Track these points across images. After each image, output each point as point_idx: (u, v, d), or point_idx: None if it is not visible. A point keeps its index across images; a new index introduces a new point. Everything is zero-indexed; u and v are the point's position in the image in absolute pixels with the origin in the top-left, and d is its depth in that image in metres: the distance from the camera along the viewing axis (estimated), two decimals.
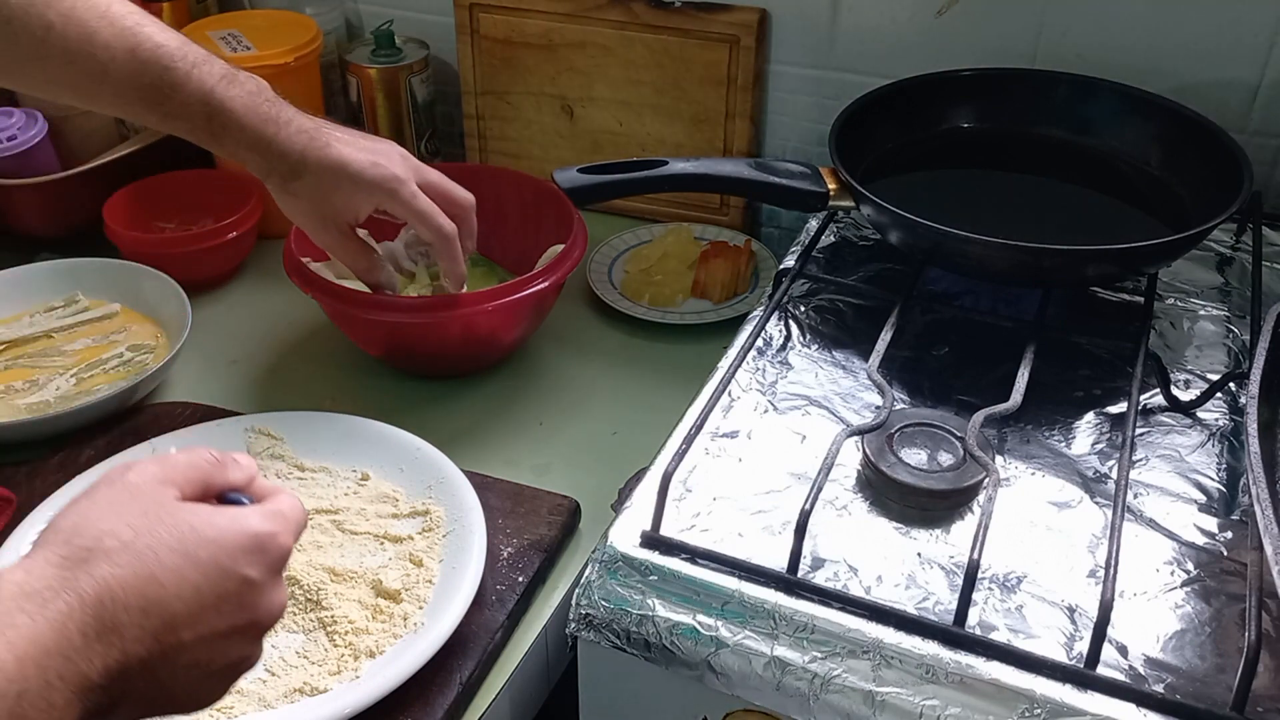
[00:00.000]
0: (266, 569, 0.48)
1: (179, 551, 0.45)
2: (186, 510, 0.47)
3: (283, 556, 0.49)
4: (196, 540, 0.46)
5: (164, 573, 0.44)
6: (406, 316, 0.88)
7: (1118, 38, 0.93)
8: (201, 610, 0.45)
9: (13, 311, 1.00)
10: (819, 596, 0.61)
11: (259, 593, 0.48)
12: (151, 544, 0.45)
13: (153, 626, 0.44)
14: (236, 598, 0.47)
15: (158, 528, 0.46)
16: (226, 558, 0.46)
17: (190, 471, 0.49)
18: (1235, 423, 0.73)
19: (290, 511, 0.51)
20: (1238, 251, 0.90)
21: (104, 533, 0.44)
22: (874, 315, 0.79)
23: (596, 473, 0.83)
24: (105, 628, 0.42)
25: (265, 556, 0.48)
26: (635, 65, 1.08)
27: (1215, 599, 0.61)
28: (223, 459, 0.51)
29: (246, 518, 0.48)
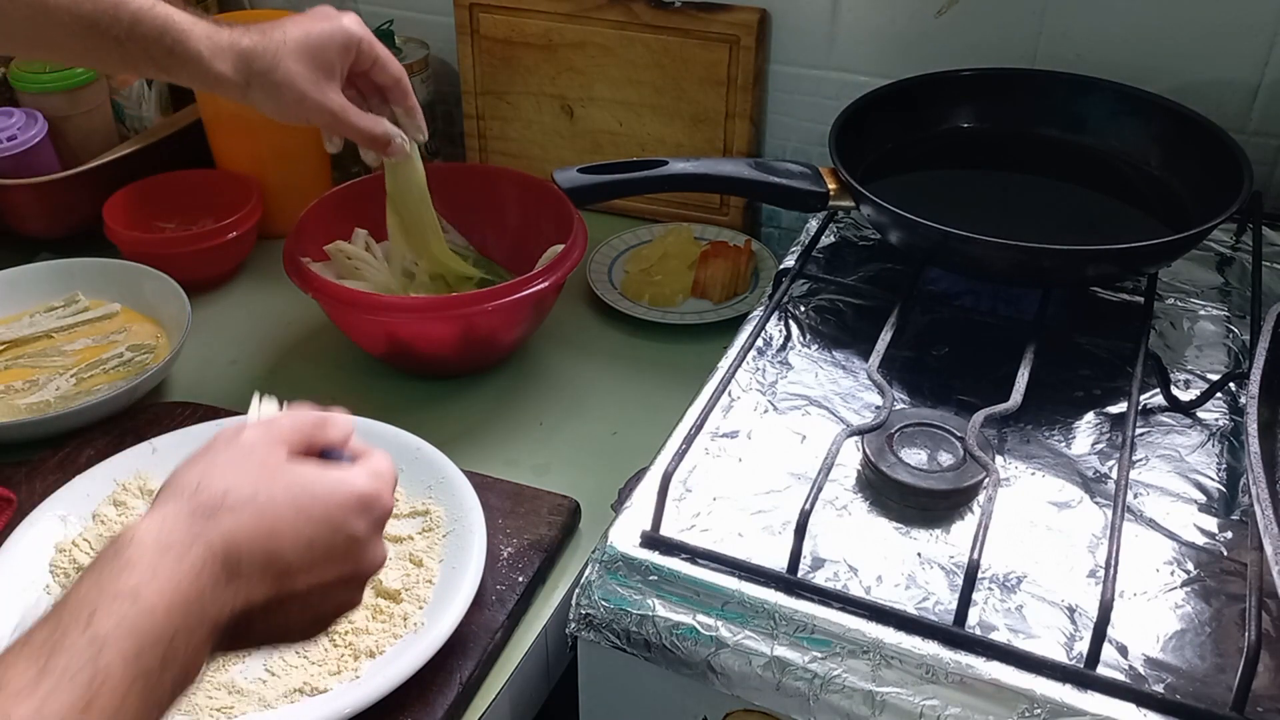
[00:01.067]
0: (370, 526, 0.52)
1: (295, 508, 0.49)
2: (299, 469, 0.51)
3: (385, 514, 0.53)
4: (310, 498, 0.50)
5: (282, 527, 0.49)
6: (406, 316, 0.88)
7: (1118, 38, 0.93)
8: (313, 562, 0.50)
9: (13, 311, 1.00)
10: (819, 596, 0.61)
11: (363, 547, 0.52)
12: (271, 500, 0.49)
13: (272, 575, 0.48)
14: (344, 551, 0.51)
15: (275, 485, 0.50)
16: (337, 515, 0.51)
17: (295, 433, 0.53)
18: (1235, 423, 0.73)
19: (387, 471, 0.55)
20: (1238, 251, 0.90)
21: (228, 489, 0.48)
22: (874, 315, 0.79)
23: (596, 473, 0.83)
24: (231, 575, 0.46)
25: (369, 515, 0.52)
26: (635, 65, 1.08)
27: (1215, 599, 0.61)
28: (322, 419, 0.56)
29: (353, 478, 0.52)
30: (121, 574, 0.44)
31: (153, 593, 0.43)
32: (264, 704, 0.64)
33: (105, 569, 0.44)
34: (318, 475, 0.51)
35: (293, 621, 0.51)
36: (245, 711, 0.64)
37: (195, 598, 0.45)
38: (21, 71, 1.08)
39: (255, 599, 0.47)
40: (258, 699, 0.65)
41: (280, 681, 0.66)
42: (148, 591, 0.43)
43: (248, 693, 0.65)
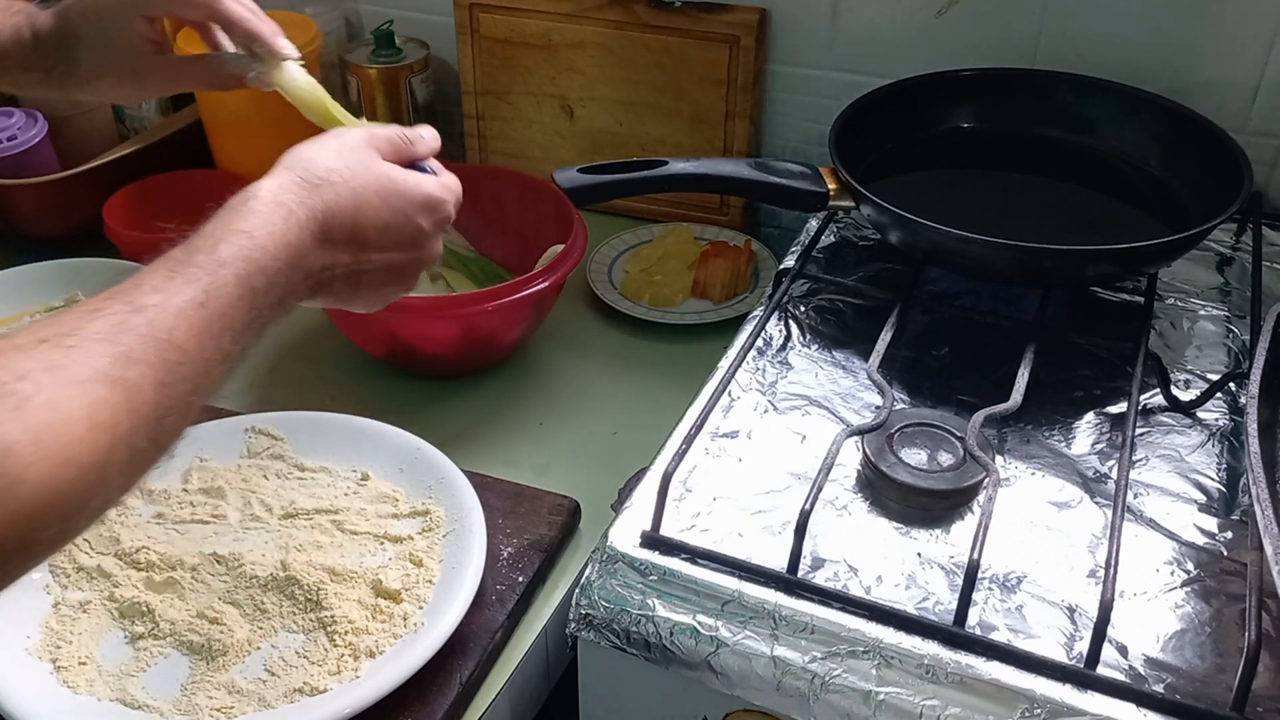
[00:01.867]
0: (435, 224, 0.63)
1: (380, 194, 0.60)
2: (387, 166, 0.61)
3: (447, 217, 0.64)
4: (392, 190, 0.60)
5: (369, 207, 0.59)
6: (406, 316, 0.88)
7: (1118, 38, 0.93)
8: (387, 241, 0.60)
9: (13, 311, 1.00)
10: (819, 596, 0.61)
11: (427, 239, 0.63)
12: (364, 184, 0.59)
13: (355, 245, 0.59)
14: (411, 238, 0.62)
15: (368, 174, 0.60)
16: (410, 207, 0.61)
17: (389, 141, 0.63)
18: (1235, 423, 0.73)
19: (455, 185, 0.65)
20: (1238, 251, 0.90)
21: (332, 169, 0.58)
22: (874, 315, 0.79)
23: (596, 473, 0.83)
24: (326, 237, 0.57)
25: (435, 214, 0.63)
26: (635, 65, 1.08)
27: (1215, 599, 0.61)
28: (413, 136, 0.65)
29: (427, 183, 0.63)
30: (244, 218, 0.54)
31: (265, 235, 0.53)
32: (264, 704, 0.64)
33: (232, 214, 0.54)
34: (402, 174, 0.61)
35: (362, 288, 0.61)
36: (245, 711, 0.64)
37: (296, 246, 0.55)
38: None
39: (341, 260, 0.58)
40: (258, 699, 0.65)
41: (280, 681, 0.66)
42: (262, 233, 0.53)
43: (248, 693, 0.65)
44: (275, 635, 0.69)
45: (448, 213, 0.64)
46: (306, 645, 0.68)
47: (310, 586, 0.70)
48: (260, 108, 1.07)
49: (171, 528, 0.76)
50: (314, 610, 0.70)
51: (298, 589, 0.70)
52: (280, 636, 0.69)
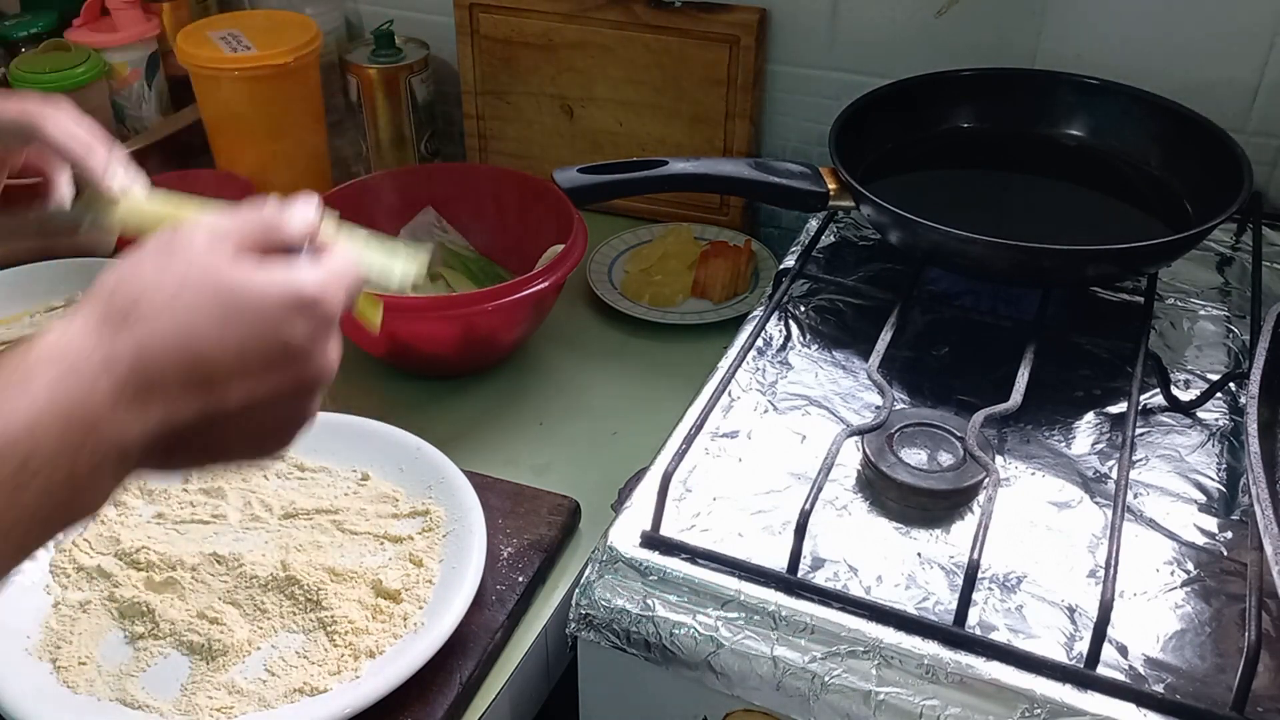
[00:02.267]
0: (311, 330, 0.47)
1: (221, 310, 0.44)
2: (232, 266, 0.45)
3: (328, 318, 0.47)
4: (239, 299, 0.44)
5: (205, 332, 0.43)
6: (406, 316, 0.88)
7: (1118, 38, 0.93)
8: (245, 371, 0.44)
9: (13, 311, 1.00)
10: (819, 596, 0.61)
11: (305, 355, 0.47)
12: (193, 302, 0.44)
13: (196, 388, 0.43)
14: (282, 359, 0.46)
15: (201, 285, 0.44)
16: (270, 319, 0.45)
17: (244, 229, 0.47)
18: (1235, 423, 0.73)
19: (342, 269, 0.49)
20: (1238, 251, 0.90)
21: (144, 290, 0.43)
22: (874, 315, 0.79)
23: (596, 473, 0.83)
24: (144, 389, 0.42)
25: (311, 316, 0.46)
26: (635, 65, 1.08)
27: (1215, 599, 0.61)
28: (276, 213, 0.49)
29: (294, 275, 0.46)
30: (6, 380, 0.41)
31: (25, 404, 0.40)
32: (264, 704, 0.64)
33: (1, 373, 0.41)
34: (251, 273, 0.45)
35: (233, 439, 0.46)
36: (245, 711, 0.64)
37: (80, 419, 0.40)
38: (21, 71, 1.08)
39: (180, 414, 0.43)
40: (257, 699, 0.65)
41: (280, 681, 0.66)
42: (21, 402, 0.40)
43: (247, 693, 0.65)
44: (275, 635, 0.69)
45: (329, 307, 0.47)
46: (306, 645, 0.68)
47: (310, 586, 0.70)
48: (260, 108, 1.07)
49: (171, 528, 0.76)
50: (314, 610, 0.70)
51: (298, 589, 0.70)
52: (280, 636, 0.69)
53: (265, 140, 1.09)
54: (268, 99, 1.07)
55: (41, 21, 1.16)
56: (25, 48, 1.14)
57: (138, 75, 1.14)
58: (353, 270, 0.50)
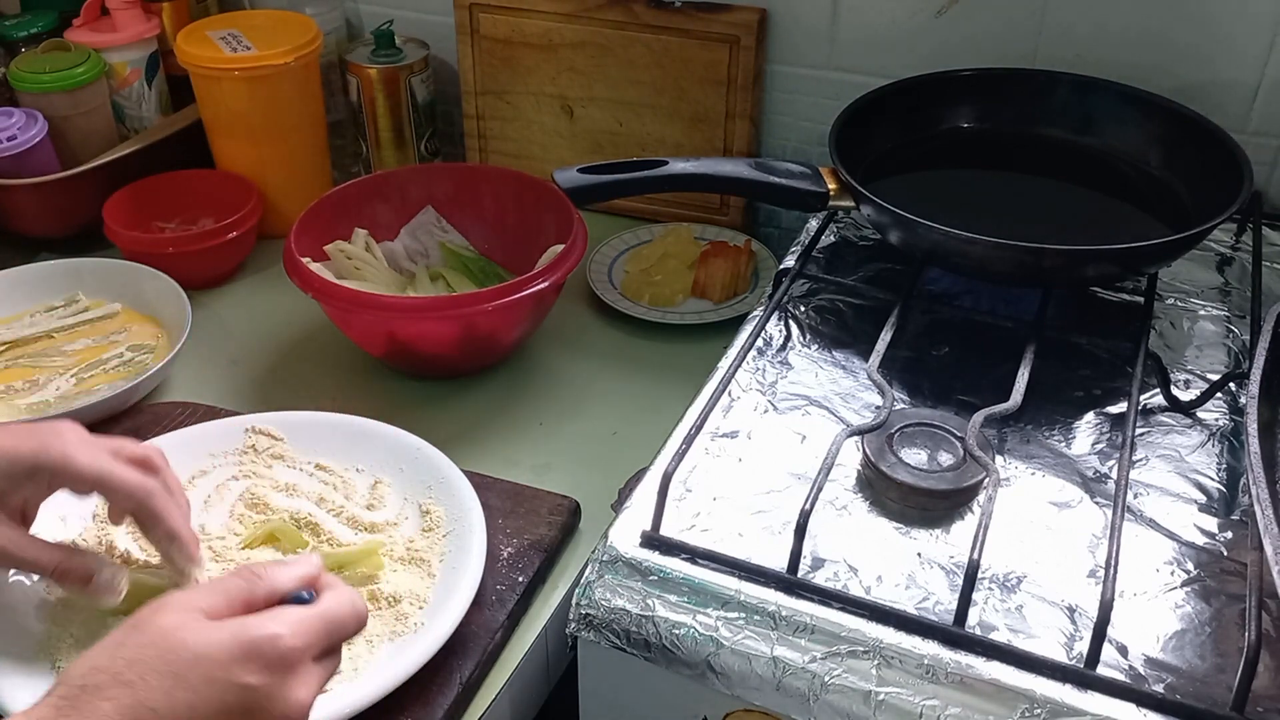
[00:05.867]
0: (266, 672, 0.49)
1: (168, 674, 0.47)
2: (185, 628, 0.49)
3: (281, 656, 0.50)
4: (186, 659, 0.48)
5: (154, 697, 0.46)
6: (406, 316, 0.88)
7: (1118, 37, 0.93)
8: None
9: (13, 311, 1.00)
10: (819, 596, 0.61)
11: (264, 698, 0.49)
12: (142, 672, 0.47)
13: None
14: (240, 708, 0.48)
15: (149, 654, 0.47)
16: (219, 670, 0.48)
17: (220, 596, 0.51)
18: (1235, 423, 0.73)
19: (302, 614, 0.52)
20: (1238, 251, 0.90)
21: (97, 669, 0.47)
22: (874, 315, 0.79)
23: (596, 473, 0.83)
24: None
25: (261, 660, 0.49)
26: (635, 65, 1.08)
27: (1215, 599, 0.61)
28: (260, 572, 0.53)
29: (241, 624, 0.50)
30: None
31: None
32: None
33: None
34: (194, 629, 0.49)
35: None
36: None
37: None
38: (21, 71, 1.08)
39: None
40: None
41: None
42: None
43: None
44: None
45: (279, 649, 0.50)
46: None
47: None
48: (260, 108, 1.07)
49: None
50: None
51: None
52: None
53: (265, 140, 1.09)
54: (268, 99, 1.07)
55: (41, 21, 1.16)
56: (25, 48, 1.14)
57: (138, 75, 1.14)
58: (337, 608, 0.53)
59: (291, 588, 0.54)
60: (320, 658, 0.53)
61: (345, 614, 0.54)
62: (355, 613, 0.55)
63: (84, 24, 1.13)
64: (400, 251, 1.02)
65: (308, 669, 0.52)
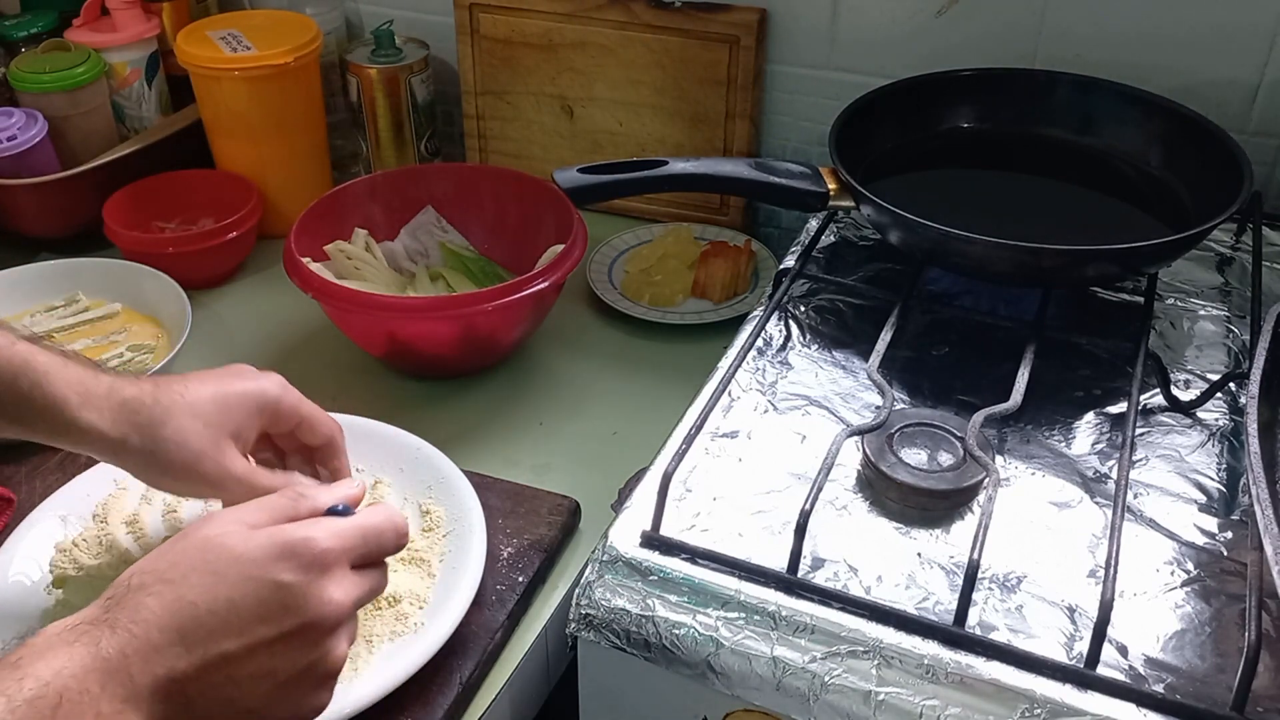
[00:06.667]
0: (303, 571, 0.51)
1: (208, 571, 0.50)
2: (227, 534, 0.52)
3: (316, 557, 0.52)
4: (225, 558, 0.50)
5: (195, 593, 0.49)
6: (406, 316, 0.88)
7: (1118, 37, 0.93)
8: (241, 623, 0.50)
9: (13, 311, 1.00)
10: (819, 596, 0.61)
11: (300, 597, 0.51)
12: (183, 571, 0.50)
13: (193, 643, 0.49)
14: (277, 605, 0.51)
15: (192, 555, 0.51)
16: (255, 568, 0.50)
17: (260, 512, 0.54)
18: (1235, 423, 0.73)
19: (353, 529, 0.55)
20: (1238, 251, 0.90)
21: (144, 570, 0.50)
22: (874, 315, 0.79)
23: (596, 473, 0.83)
24: (145, 649, 0.48)
25: (296, 560, 0.51)
26: (635, 65, 1.08)
27: (1215, 599, 0.61)
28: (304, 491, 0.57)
29: (278, 529, 0.52)
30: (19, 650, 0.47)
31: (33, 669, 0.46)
32: None
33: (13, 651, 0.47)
34: (235, 534, 0.52)
35: (248, 691, 0.51)
36: None
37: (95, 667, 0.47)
38: (21, 71, 1.08)
39: (181, 669, 0.49)
40: None
41: None
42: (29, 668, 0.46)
43: None
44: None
45: (314, 549, 0.52)
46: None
47: None
48: (260, 108, 1.07)
49: (172, 529, 0.76)
50: None
51: None
52: None
53: (265, 140, 1.09)
54: (268, 99, 1.07)
55: (41, 21, 1.16)
56: (25, 48, 1.14)
57: (138, 75, 1.14)
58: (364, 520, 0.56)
59: (332, 503, 0.56)
60: (360, 567, 0.55)
61: (383, 525, 0.56)
62: (394, 526, 0.57)
63: (84, 24, 1.13)
64: (400, 251, 1.02)
65: (344, 572, 0.54)
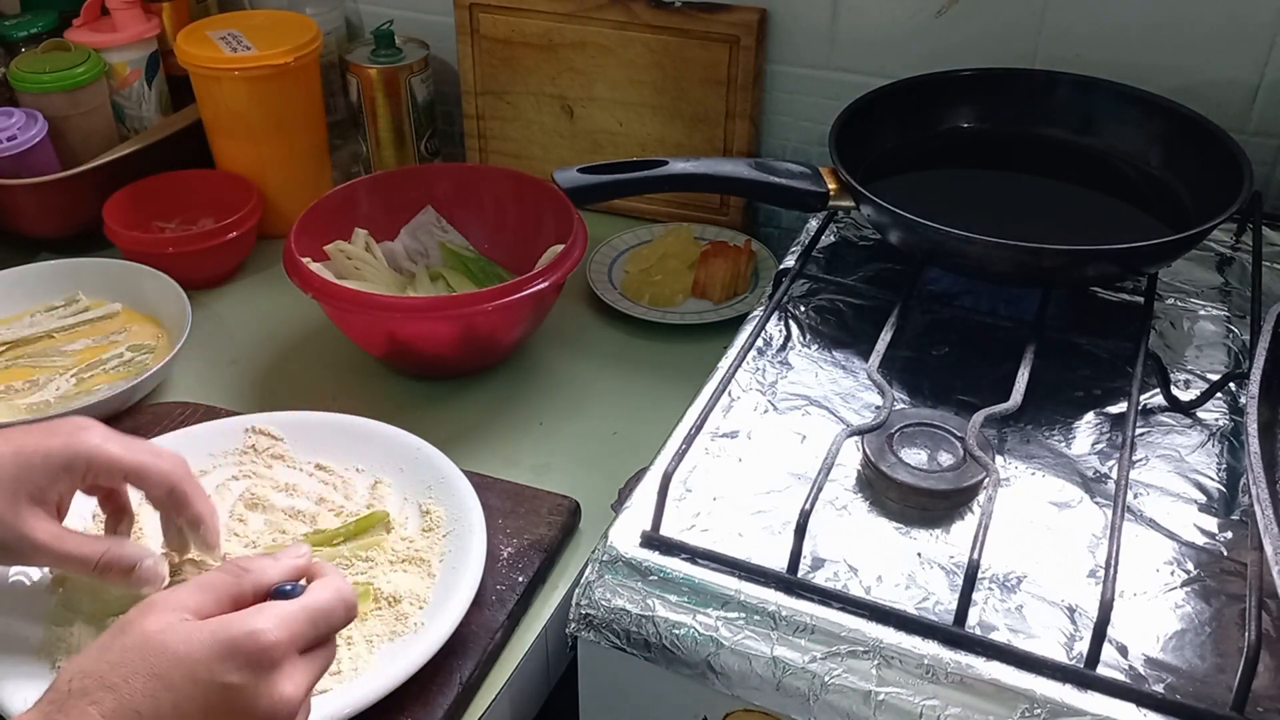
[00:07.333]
0: (248, 670, 0.49)
1: (151, 676, 0.48)
2: (168, 631, 0.49)
3: (263, 652, 0.50)
4: (168, 661, 0.48)
5: (138, 701, 0.47)
6: (406, 316, 0.88)
7: (1118, 37, 0.93)
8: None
9: (13, 311, 1.00)
10: (819, 596, 0.61)
11: (249, 696, 0.49)
12: (126, 675, 0.47)
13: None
14: (223, 707, 0.49)
15: (133, 657, 0.48)
16: (201, 670, 0.48)
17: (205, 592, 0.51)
18: (1235, 423, 0.73)
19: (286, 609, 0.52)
20: (1238, 251, 0.90)
21: (84, 673, 0.48)
22: (874, 315, 0.79)
23: (596, 473, 0.83)
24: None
25: (241, 657, 0.49)
26: (635, 65, 1.08)
27: (1215, 599, 0.61)
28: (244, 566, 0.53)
29: (225, 624, 0.50)
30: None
31: None
32: None
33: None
34: (175, 631, 0.49)
35: None
36: None
37: None
38: (21, 71, 1.08)
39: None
40: None
41: None
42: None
43: None
44: None
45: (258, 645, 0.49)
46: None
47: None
48: (260, 108, 1.07)
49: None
50: None
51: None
52: None
53: (265, 140, 1.09)
54: (268, 99, 1.07)
55: (41, 21, 1.16)
56: (25, 48, 1.14)
57: (138, 75, 1.14)
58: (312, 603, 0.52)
59: (278, 579, 0.54)
60: (309, 650, 0.53)
61: (331, 604, 0.53)
62: (343, 601, 0.54)
63: (84, 24, 1.13)
64: (400, 251, 1.02)
65: (293, 663, 0.51)
